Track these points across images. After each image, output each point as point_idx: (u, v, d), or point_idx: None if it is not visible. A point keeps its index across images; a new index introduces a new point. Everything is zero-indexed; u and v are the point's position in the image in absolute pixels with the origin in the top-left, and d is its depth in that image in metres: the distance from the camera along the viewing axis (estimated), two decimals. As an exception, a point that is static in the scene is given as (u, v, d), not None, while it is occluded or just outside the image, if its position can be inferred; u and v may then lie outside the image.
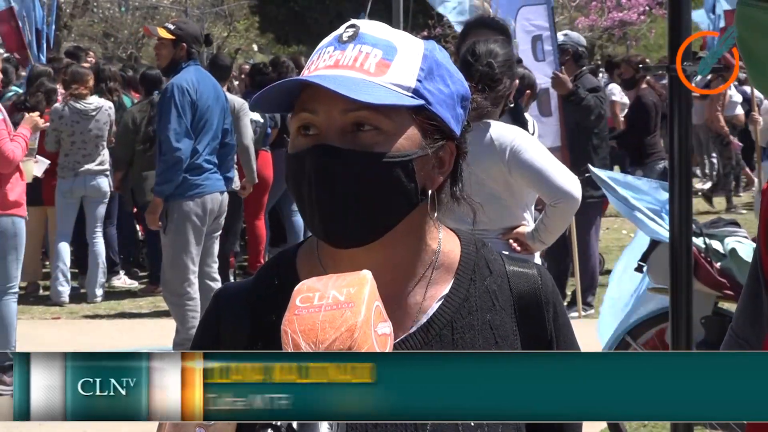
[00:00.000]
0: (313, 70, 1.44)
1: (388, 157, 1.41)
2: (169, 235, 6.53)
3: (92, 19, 25.60)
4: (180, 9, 25.94)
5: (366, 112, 1.41)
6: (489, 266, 1.56)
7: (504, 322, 1.52)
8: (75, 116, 8.79)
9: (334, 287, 1.19)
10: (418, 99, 1.44)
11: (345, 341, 1.14)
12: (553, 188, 4.23)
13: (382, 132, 1.42)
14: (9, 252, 6.53)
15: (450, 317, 1.50)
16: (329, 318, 1.15)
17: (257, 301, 1.54)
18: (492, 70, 4.22)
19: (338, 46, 1.45)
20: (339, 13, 25.97)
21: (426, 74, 1.46)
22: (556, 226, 4.37)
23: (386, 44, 1.45)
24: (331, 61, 1.44)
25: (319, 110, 1.42)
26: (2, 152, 6.35)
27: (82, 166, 8.89)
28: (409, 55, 1.46)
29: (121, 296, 9.62)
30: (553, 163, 4.29)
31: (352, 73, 1.42)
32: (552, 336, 1.55)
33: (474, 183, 4.66)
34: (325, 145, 1.41)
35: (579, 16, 26.30)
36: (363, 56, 1.43)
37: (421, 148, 1.45)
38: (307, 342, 1.14)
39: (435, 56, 1.49)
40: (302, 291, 1.20)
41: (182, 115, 6.39)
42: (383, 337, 1.18)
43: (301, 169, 1.43)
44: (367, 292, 1.18)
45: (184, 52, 6.57)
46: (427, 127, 1.46)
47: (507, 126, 4.31)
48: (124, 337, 8.05)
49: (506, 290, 1.54)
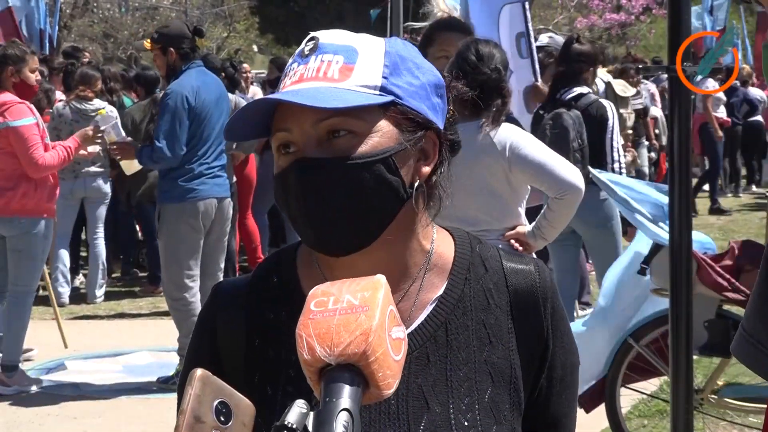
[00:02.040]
0: (282, 89, 1.46)
1: (366, 157, 1.42)
2: (162, 239, 6.51)
3: (92, 19, 25.57)
4: (180, 10, 25.93)
5: (337, 119, 1.42)
6: (485, 264, 1.56)
7: (499, 320, 1.52)
8: (75, 116, 8.80)
9: (348, 291, 1.19)
10: (387, 95, 1.45)
11: (360, 345, 1.14)
12: (558, 180, 4.24)
13: (356, 135, 1.43)
14: (38, 254, 6.62)
15: (444, 318, 1.51)
16: (344, 322, 1.15)
17: (255, 298, 1.54)
18: (500, 77, 4.21)
19: (301, 61, 1.47)
20: (339, 13, 25.96)
21: (391, 70, 1.47)
22: (560, 220, 4.36)
23: (346, 49, 1.46)
24: (296, 77, 1.45)
25: (292, 127, 1.44)
26: (33, 159, 6.45)
27: (83, 168, 8.89)
28: (371, 55, 1.47)
29: (121, 296, 9.62)
30: (553, 156, 4.30)
31: (316, 83, 1.43)
32: (548, 332, 1.55)
33: (475, 182, 4.68)
34: (304, 158, 1.42)
35: (578, 16, 26.32)
36: (325, 65, 1.45)
37: (399, 143, 1.45)
38: (321, 346, 1.14)
39: (398, 52, 1.49)
40: (317, 295, 1.20)
41: (176, 121, 6.31)
42: (397, 341, 1.18)
43: (286, 187, 1.45)
44: (381, 296, 1.18)
45: (175, 56, 6.42)
46: (401, 122, 1.46)
47: (503, 124, 4.31)
48: (124, 338, 8.05)
49: (503, 287, 1.54)
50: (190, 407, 1.09)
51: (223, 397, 1.12)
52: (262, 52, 34.42)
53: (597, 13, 25.50)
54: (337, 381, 1.13)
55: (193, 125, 6.38)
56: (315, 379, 1.16)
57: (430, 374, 1.48)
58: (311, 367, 1.16)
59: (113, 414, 6.22)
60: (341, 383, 1.13)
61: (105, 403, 6.46)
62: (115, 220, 10.03)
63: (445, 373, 1.48)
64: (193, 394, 1.10)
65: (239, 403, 1.14)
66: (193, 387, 1.10)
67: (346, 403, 1.11)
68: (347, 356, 1.14)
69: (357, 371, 1.14)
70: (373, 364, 1.14)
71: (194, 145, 6.41)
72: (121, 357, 7.47)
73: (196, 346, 1.59)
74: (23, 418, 6.18)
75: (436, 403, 1.46)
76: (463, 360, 1.49)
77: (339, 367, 1.14)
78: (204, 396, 1.11)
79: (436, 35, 4.94)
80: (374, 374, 1.14)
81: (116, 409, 6.31)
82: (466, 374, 1.49)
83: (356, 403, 1.12)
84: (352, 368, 1.14)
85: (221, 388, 1.13)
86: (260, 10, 30.98)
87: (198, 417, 1.09)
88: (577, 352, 1.61)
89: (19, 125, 6.47)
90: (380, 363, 1.15)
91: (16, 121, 6.48)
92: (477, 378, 1.49)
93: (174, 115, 6.32)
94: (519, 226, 4.35)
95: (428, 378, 1.47)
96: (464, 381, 1.48)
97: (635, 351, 4.97)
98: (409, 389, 1.46)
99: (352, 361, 1.14)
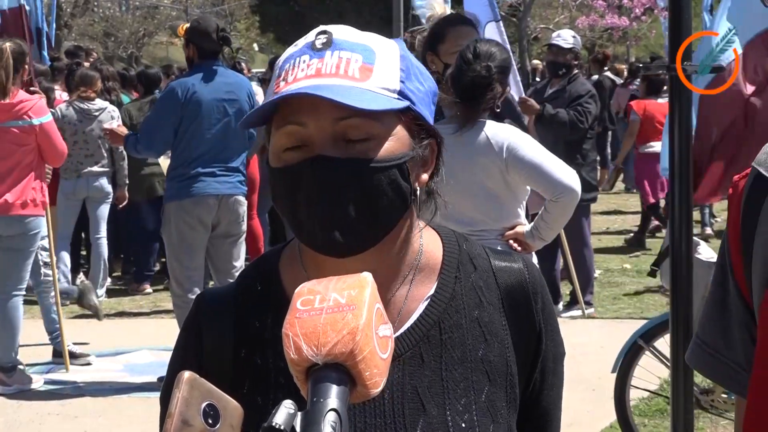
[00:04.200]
0: (292, 81, 1.40)
1: (384, 161, 1.40)
2: (164, 237, 6.63)
3: (92, 18, 25.59)
4: (180, 9, 25.94)
5: (358, 120, 1.39)
6: (473, 262, 1.54)
7: (492, 317, 1.51)
8: (79, 116, 8.81)
9: (334, 290, 1.18)
10: (404, 100, 1.43)
11: (347, 344, 1.13)
12: (553, 182, 4.24)
13: (374, 137, 1.40)
14: (30, 253, 6.66)
15: (437, 317, 1.49)
16: (331, 321, 1.14)
17: (240, 306, 1.52)
18: (489, 74, 4.20)
19: (313, 54, 1.41)
20: (339, 12, 25.97)
21: (406, 75, 1.45)
22: (557, 221, 4.37)
23: (364, 48, 1.43)
24: (311, 71, 1.40)
25: (307, 122, 1.39)
26: (59, 150, 6.72)
27: (85, 168, 8.90)
28: (388, 57, 1.44)
29: (121, 295, 9.63)
30: (550, 157, 4.30)
31: (338, 80, 1.39)
32: (541, 327, 1.54)
33: (473, 183, 4.67)
34: (321, 156, 1.38)
35: (579, 16, 26.32)
36: (344, 62, 1.40)
37: (411, 149, 1.44)
38: (308, 345, 1.13)
39: (408, 56, 1.48)
40: (303, 294, 1.19)
41: (161, 114, 6.38)
42: (384, 339, 1.18)
43: (296, 183, 1.40)
44: (368, 295, 1.17)
45: (194, 51, 6.47)
46: (413, 128, 1.45)
47: (500, 125, 4.31)
48: (124, 337, 8.05)
49: (493, 285, 1.53)
50: (178, 410, 1.08)
51: (211, 400, 1.11)
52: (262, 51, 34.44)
53: (598, 12, 25.49)
54: (324, 381, 1.12)
55: (185, 122, 6.32)
56: (302, 379, 1.15)
57: (425, 375, 1.46)
58: (298, 366, 1.15)
59: (114, 413, 6.22)
60: (328, 383, 1.12)
61: (106, 402, 6.45)
62: (115, 219, 10.02)
63: (440, 373, 1.46)
64: (181, 396, 1.09)
65: (227, 406, 1.13)
66: (180, 389, 1.09)
67: (333, 403, 1.10)
68: (334, 356, 1.13)
69: (344, 370, 1.13)
70: (361, 363, 1.13)
71: (189, 143, 6.35)
72: (121, 356, 7.47)
73: (182, 355, 1.56)
74: (24, 417, 6.18)
75: (432, 405, 1.45)
76: (459, 359, 1.48)
77: (326, 366, 1.13)
78: (192, 398, 1.09)
79: (446, 31, 4.95)
80: (361, 373, 1.14)
81: (117, 409, 6.31)
82: (462, 374, 1.47)
83: (344, 403, 1.11)
84: (339, 367, 1.13)
85: (209, 391, 1.12)
86: (261, 9, 31.00)
87: (186, 420, 1.08)
88: (563, 344, 1.61)
89: (45, 122, 6.62)
90: (367, 362, 1.14)
91: (41, 118, 6.60)
92: (473, 377, 1.47)
93: (160, 109, 6.44)
94: (518, 226, 4.35)
95: (423, 379, 1.46)
96: (460, 381, 1.47)
97: (643, 353, 4.98)
98: (404, 392, 1.45)
99: (339, 361, 1.13)
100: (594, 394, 6.02)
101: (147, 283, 9.74)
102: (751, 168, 1.43)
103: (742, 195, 1.43)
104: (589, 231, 8.58)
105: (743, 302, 1.43)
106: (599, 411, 5.72)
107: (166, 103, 6.43)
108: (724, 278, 1.46)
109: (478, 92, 4.19)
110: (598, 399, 5.91)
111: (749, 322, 1.42)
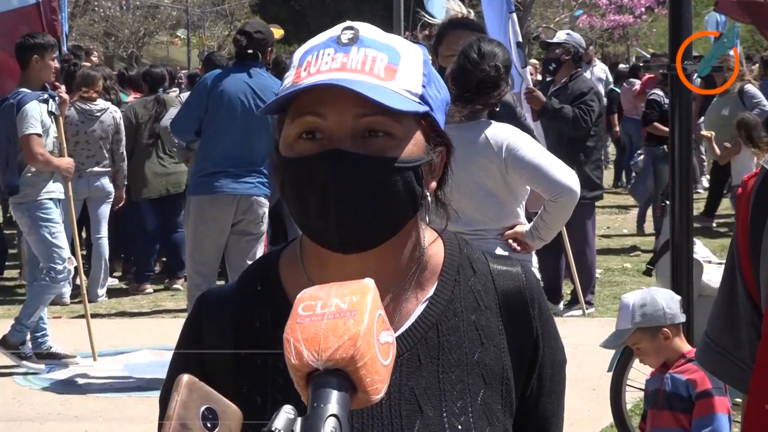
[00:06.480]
0: (314, 72, 1.40)
1: (402, 162, 1.41)
2: (185, 231, 6.93)
3: (93, 18, 25.59)
4: (181, 8, 25.95)
5: (381, 118, 1.39)
6: (473, 266, 1.55)
7: (489, 321, 1.52)
8: (81, 117, 8.81)
9: (336, 295, 1.18)
10: (425, 105, 1.44)
11: (348, 350, 1.13)
12: (552, 183, 4.24)
13: (393, 137, 1.41)
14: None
15: (435, 320, 1.49)
16: (332, 326, 1.14)
17: (240, 307, 1.52)
18: (498, 74, 4.22)
19: (339, 48, 1.41)
20: (339, 12, 25.98)
21: (428, 80, 1.46)
22: (556, 222, 4.37)
23: (389, 48, 1.43)
24: (336, 64, 1.40)
25: (328, 114, 1.39)
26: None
27: (87, 168, 8.89)
28: (413, 61, 1.45)
29: (121, 295, 9.62)
30: (549, 158, 4.30)
31: (364, 77, 1.39)
32: (538, 332, 1.54)
33: (472, 183, 4.68)
34: (340, 150, 1.38)
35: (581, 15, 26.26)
36: (370, 60, 1.40)
37: (427, 153, 1.45)
38: (309, 350, 1.13)
39: (430, 62, 1.49)
40: (304, 299, 1.19)
41: (189, 103, 6.70)
42: (386, 346, 1.17)
43: (309, 175, 1.39)
44: (369, 301, 1.17)
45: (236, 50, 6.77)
46: (429, 133, 1.46)
47: (500, 124, 4.31)
48: (125, 336, 8.05)
49: (491, 289, 1.53)
50: (177, 413, 1.08)
51: (209, 403, 1.11)
52: (263, 50, 34.41)
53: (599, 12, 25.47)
54: (324, 386, 1.12)
55: (210, 112, 6.37)
56: (303, 384, 1.15)
57: (422, 377, 1.46)
58: (299, 372, 1.15)
59: (114, 413, 6.22)
60: (329, 388, 1.12)
61: (106, 402, 6.45)
62: (116, 219, 10.02)
63: (437, 375, 1.47)
64: (180, 400, 1.09)
65: (226, 409, 1.13)
66: (179, 393, 1.09)
67: (334, 408, 1.10)
68: (335, 361, 1.13)
69: (345, 376, 1.13)
70: (362, 369, 1.13)
71: (213, 139, 6.41)
72: (122, 356, 7.47)
73: (183, 356, 1.56)
74: (24, 416, 6.18)
75: (429, 406, 1.45)
76: (455, 362, 1.48)
77: (327, 372, 1.13)
78: (190, 402, 1.09)
79: (445, 33, 4.97)
80: (362, 379, 1.14)
81: (117, 408, 6.31)
82: (459, 376, 1.47)
83: (344, 409, 1.11)
84: (340, 373, 1.13)
85: (208, 394, 1.12)
86: (261, 9, 31.01)
87: (184, 423, 1.08)
88: (564, 351, 1.61)
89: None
90: (368, 368, 1.14)
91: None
92: (469, 380, 1.48)
93: (191, 95, 6.87)
94: (517, 226, 4.35)
95: (420, 381, 1.46)
96: (457, 383, 1.47)
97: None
98: (401, 393, 1.45)
99: (340, 366, 1.13)
100: (594, 394, 6.02)
101: (147, 283, 9.74)
102: (761, 168, 1.43)
103: (752, 195, 1.43)
104: (593, 231, 8.56)
105: (751, 302, 1.44)
106: (599, 411, 5.71)
107: (195, 89, 6.88)
108: (732, 278, 1.47)
109: (484, 91, 4.20)
110: (598, 399, 5.90)
111: (757, 321, 1.42)
